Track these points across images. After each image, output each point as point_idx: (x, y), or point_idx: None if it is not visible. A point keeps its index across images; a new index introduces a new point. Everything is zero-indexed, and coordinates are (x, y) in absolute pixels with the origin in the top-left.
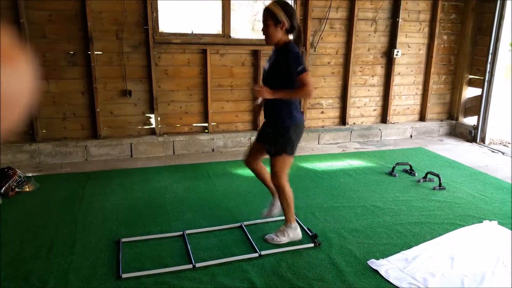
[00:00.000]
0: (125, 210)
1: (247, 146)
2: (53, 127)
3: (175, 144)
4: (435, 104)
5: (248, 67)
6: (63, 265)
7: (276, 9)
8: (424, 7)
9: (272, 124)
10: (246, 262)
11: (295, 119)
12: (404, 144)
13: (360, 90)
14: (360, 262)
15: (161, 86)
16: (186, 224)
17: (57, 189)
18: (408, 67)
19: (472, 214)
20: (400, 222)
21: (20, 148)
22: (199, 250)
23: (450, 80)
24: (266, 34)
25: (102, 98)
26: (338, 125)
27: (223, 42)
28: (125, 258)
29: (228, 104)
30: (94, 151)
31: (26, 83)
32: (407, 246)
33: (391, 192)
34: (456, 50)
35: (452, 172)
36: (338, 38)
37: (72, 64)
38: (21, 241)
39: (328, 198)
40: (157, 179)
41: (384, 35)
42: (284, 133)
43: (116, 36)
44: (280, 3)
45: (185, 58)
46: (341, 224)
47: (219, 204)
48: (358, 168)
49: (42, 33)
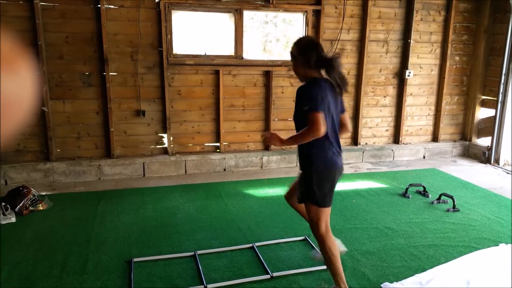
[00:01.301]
0: (137, 230)
1: (258, 166)
2: (68, 146)
3: (187, 164)
4: (448, 125)
5: (260, 87)
6: (75, 284)
7: (292, 47)
8: (435, 28)
9: (300, 167)
10: (258, 283)
11: (320, 164)
12: (417, 165)
13: (372, 111)
14: (374, 285)
15: (174, 106)
16: (198, 244)
17: (70, 208)
18: (420, 87)
19: (487, 237)
20: (414, 244)
21: (35, 167)
22: (210, 271)
23: (463, 101)
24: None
25: (116, 118)
26: (350, 145)
27: (235, 63)
28: (136, 278)
29: (240, 124)
30: (107, 170)
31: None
32: (421, 269)
33: (404, 214)
34: (469, 71)
35: (466, 194)
36: (350, 59)
37: (87, 85)
38: (34, 259)
39: (341, 220)
40: (169, 199)
41: (395, 56)
42: (306, 180)
43: (131, 57)
44: (297, 40)
45: (198, 79)
46: (354, 246)
47: (231, 224)
48: (371, 189)
49: (59, 54)
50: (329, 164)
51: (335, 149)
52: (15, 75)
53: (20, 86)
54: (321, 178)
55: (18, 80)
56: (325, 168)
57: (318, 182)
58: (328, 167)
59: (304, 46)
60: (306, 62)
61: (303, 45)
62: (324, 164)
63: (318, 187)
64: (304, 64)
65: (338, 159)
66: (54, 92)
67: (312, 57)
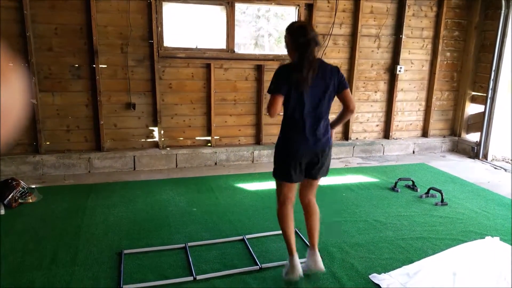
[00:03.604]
0: (128, 222)
1: (249, 160)
2: (57, 139)
3: (178, 157)
4: (438, 120)
5: (252, 81)
6: (65, 276)
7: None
8: (427, 24)
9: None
10: (247, 274)
11: (278, 140)
12: (407, 159)
13: (363, 106)
14: (362, 276)
15: (165, 100)
16: (189, 237)
17: (60, 201)
18: (411, 83)
19: (474, 230)
20: (402, 237)
21: (24, 160)
22: (200, 263)
23: (453, 97)
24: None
25: (106, 111)
26: (341, 140)
27: (227, 56)
28: (127, 269)
29: (231, 118)
30: (97, 163)
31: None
32: (409, 261)
33: (393, 207)
34: (459, 67)
35: (454, 188)
36: (342, 54)
37: (76, 77)
38: (24, 251)
39: (330, 213)
40: (160, 192)
41: (387, 51)
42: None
43: (121, 50)
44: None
45: (189, 72)
46: (343, 239)
47: (222, 217)
48: (361, 183)
49: (48, 46)
50: (285, 142)
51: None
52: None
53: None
54: (276, 152)
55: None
56: (280, 144)
57: (275, 154)
58: (284, 144)
59: (286, 30)
60: (287, 45)
61: (286, 30)
62: (279, 142)
63: (274, 159)
64: (287, 48)
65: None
66: (43, 84)
67: (289, 40)
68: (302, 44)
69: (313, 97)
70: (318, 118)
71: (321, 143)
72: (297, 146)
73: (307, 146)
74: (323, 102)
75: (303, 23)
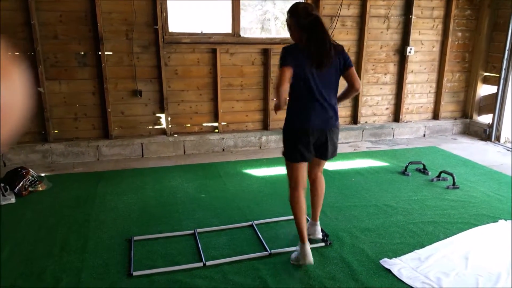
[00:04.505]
0: (137, 209)
1: (257, 145)
2: (65, 127)
3: (185, 144)
4: (449, 103)
5: (258, 66)
6: (75, 263)
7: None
8: (437, 3)
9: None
10: (257, 260)
11: (287, 123)
12: (417, 143)
13: (372, 89)
14: (373, 261)
15: (171, 86)
16: (197, 223)
17: (69, 189)
18: (421, 64)
19: (486, 213)
20: (413, 221)
21: (33, 148)
22: (210, 248)
23: (465, 78)
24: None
25: (113, 98)
26: (350, 124)
27: (233, 41)
28: (137, 256)
29: (238, 103)
30: (105, 151)
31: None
32: (420, 246)
33: (404, 192)
34: (471, 47)
35: (466, 171)
36: (350, 36)
37: (82, 65)
38: (35, 239)
39: (340, 198)
40: (168, 179)
41: (396, 32)
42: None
43: (126, 36)
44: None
45: (194, 58)
46: (353, 224)
47: (230, 203)
48: (370, 168)
49: (53, 34)
50: (294, 121)
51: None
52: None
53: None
54: (285, 133)
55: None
56: (289, 125)
57: (283, 135)
58: (292, 124)
59: (289, 12)
60: (290, 28)
61: (288, 12)
62: (288, 122)
63: (283, 140)
64: (290, 31)
65: (311, 117)
66: (50, 73)
67: (293, 22)
68: (310, 24)
69: (321, 77)
70: (326, 98)
71: (329, 122)
72: (306, 125)
73: (315, 125)
74: (331, 82)
75: (306, 3)
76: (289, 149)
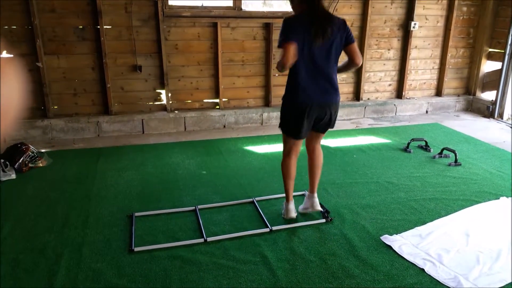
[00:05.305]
0: (138, 185)
1: (258, 122)
2: (65, 102)
3: (186, 120)
4: (452, 79)
5: (260, 41)
6: (77, 238)
7: None
8: None
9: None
10: (258, 236)
11: (286, 97)
12: (420, 119)
13: (375, 65)
14: (373, 237)
15: (171, 61)
16: (198, 200)
17: (70, 165)
18: (425, 40)
19: (488, 190)
20: (415, 198)
21: (33, 124)
22: (211, 225)
23: (469, 54)
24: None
25: (113, 74)
26: (352, 101)
27: (234, 15)
28: (138, 232)
29: (239, 79)
30: (106, 127)
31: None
32: (421, 222)
33: (405, 168)
34: (476, 22)
35: (468, 148)
36: (353, 10)
37: (81, 39)
38: (36, 215)
39: (341, 175)
40: (169, 155)
41: (401, 7)
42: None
43: (125, 9)
44: None
45: (195, 32)
46: (354, 200)
47: (231, 180)
48: (372, 145)
49: (50, 7)
50: (294, 97)
51: (309, 82)
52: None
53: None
54: (284, 107)
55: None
56: (288, 100)
57: (282, 109)
58: (292, 99)
59: None
60: (291, 1)
61: None
62: (287, 97)
63: (281, 113)
64: (292, 3)
65: (311, 92)
66: (48, 47)
67: None
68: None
69: (321, 51)
70: (326, 72)
71: (329, 96)
72: (306, 100)
73: (315, 100)
74: (331, 56)
75: None
76: (287, 124)
